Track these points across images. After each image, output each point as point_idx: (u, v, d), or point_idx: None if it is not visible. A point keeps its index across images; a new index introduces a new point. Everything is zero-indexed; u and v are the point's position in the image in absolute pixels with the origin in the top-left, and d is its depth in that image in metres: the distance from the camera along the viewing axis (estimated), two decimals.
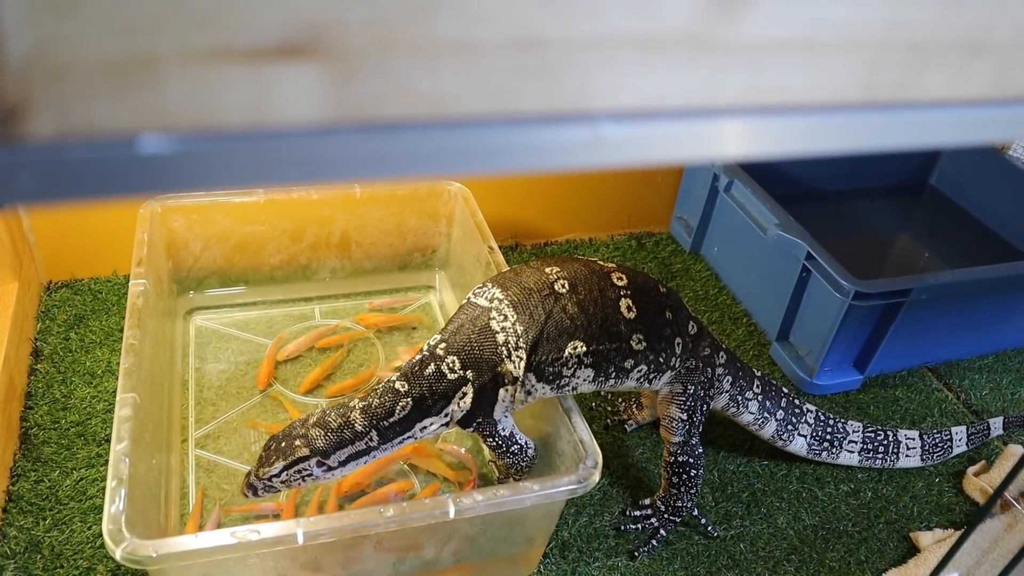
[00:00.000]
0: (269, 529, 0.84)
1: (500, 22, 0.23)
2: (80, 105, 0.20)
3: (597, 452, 0.99)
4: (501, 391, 0.99)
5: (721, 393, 1.19)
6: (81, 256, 1.49)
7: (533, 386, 1.01)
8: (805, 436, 1.26)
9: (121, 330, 1.37)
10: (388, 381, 0.98)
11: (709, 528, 1.19)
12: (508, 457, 1.04)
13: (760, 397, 1.21)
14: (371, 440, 0.95)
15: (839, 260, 1.37)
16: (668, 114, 0.26)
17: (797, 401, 1.26)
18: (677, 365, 1.10)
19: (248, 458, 1.19)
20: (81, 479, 1.15)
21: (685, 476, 1.15)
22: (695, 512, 1.18)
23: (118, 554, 0.80)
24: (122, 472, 0.88)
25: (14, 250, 1.34)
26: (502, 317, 0.99)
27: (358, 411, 0.96)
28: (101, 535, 0.86)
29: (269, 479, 0.93)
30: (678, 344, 1.09)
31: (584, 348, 1.01)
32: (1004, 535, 1.18)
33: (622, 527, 1.17)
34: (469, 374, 0.98)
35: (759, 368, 1.50)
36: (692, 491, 1.16)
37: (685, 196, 1.83)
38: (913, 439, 1.31)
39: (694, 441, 1.14)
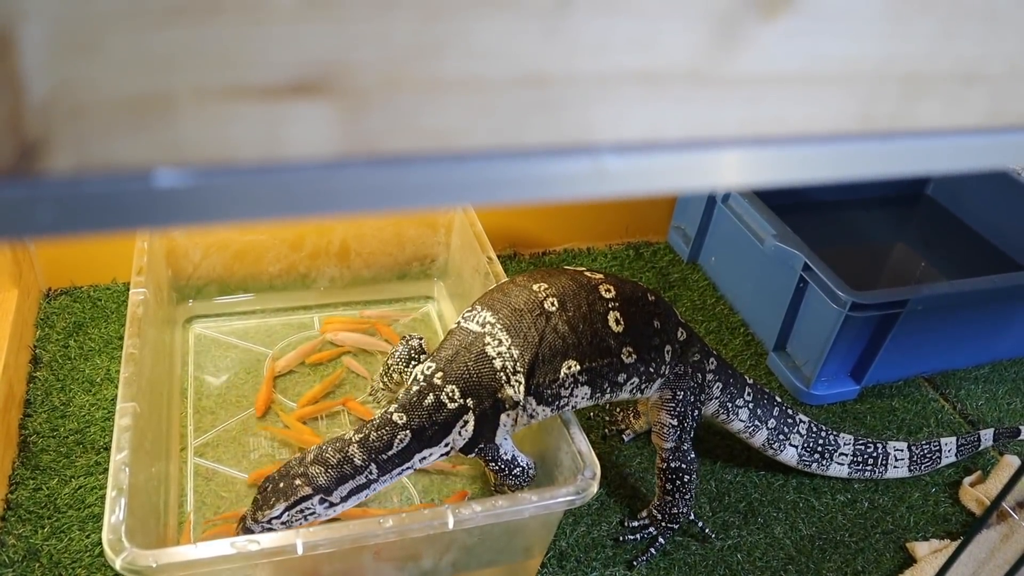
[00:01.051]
0: (268, 539, 0.84)
1: (505, 59, 0.23)
2: (98, 141, 0.21)
3: (595, 463, 0.99)
4: (503, 416, 0.99)
5: (711, 399, 1.19)
6: (81, 264, 1.50)
7: (535, 409, 1.01)
8: (796, 446, 1.26)
9: (120, 338, 1.37)
10: (386, 412, 0.97)
11: (707, 531, 1.19)
12: (511, 479, 1.05)
13: (751, 405, 1.22)
14: (371, 473, 0.95)
15: (836, 270, 1.38)
16: (669, 146, 0.27)
17: (790, 411, 1.26)
18: (667, 372, 1.11)
19: (247, 466, 1.20)
20: (80, 487, 1.15)
21: (679, 482, 1.15)
22: (692, 517, 1.19)
23: (118, 564, 0.80)
24: (122, 482, 0.89)
25: (14, 258, 1.35)
26: (496, 342, 0.99)
27: (356, 444, 0.95)
28: (100, 543, 0.86)
29: (269, 521, 0.92)
30: (667, 352, 1.10)
31: (578, 367, 1.01)
32: (1001, 546, 1.18)
33: (620, 538, 1.18)
34: (469, 402, 0.97)
35: (752, 377, 1.51)
36: (687, 496, 1.16)
37: (683, 206, 1.84)
38: (901, 450, 1.32)
39: (686, 447, 1.15)
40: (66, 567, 1.05)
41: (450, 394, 0.97)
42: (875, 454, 1.30)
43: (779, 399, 1.26)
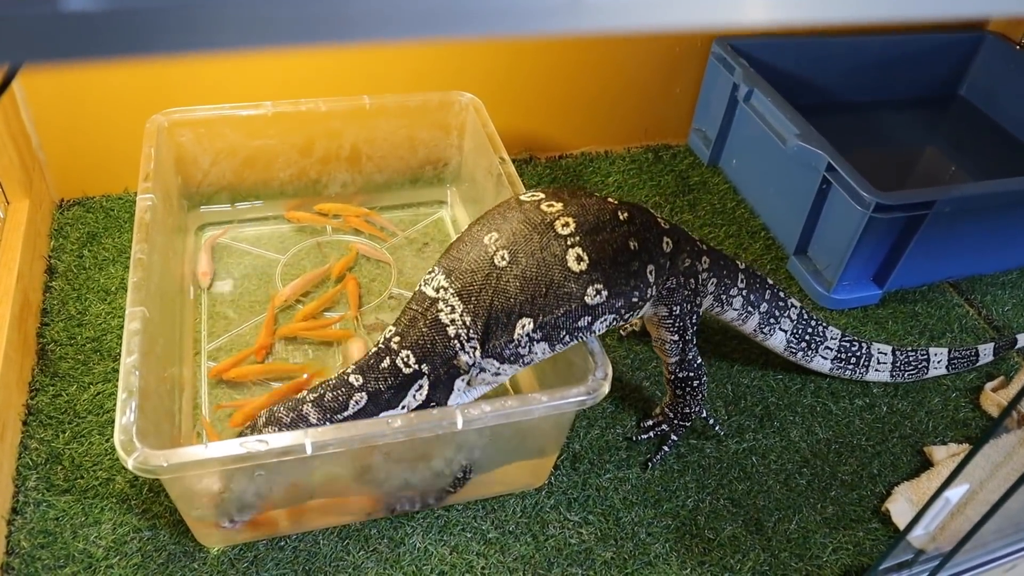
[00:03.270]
0: (277, 440, 0.84)
1: None
2: None
3: (607, 364, 0.98)
4: (457, 381, 0.97)
5: (706, 296, 1.16)
6: (92, 174, 1.48)
7: (499, 368, 0.98)
8: (786, 331, 1.23)
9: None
10: (343, 373, 0.96)
11: (717, 428, 1.19)
12: None
13: (744, 292, 1.18)
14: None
15: (862, 173, 1.33)
16: None
17: (782, 294, 1.22)
18: (654, 293, 1.06)
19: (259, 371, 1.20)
20: (98, 393, 1.16)
21: (688, 388, 1.14)
22: (703, 414, 1.18)
23: (130, 464, 0.81)
24: (132, 384, 0.89)
25: (24, 168, 1.33)
26: (449, 308, 0.95)
27: (310, 404, 0.93)
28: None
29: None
30: (651, 272, 1.04)
31: (532, 324, 0.97)
32: (1018, 449, 1.17)
33: (634, 438, 1.18)
34: (424, 368, 0.95)
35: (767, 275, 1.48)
36: (698, 397, 1.15)
37: (704, 107, 1.78)
38: (885, 354, 1.29)
39: (691, 356, 1.12)
40: (87, 470, 1.07)
41: (405, 359, 0.95)
42: (859, 353, 1.28)
43: (771, 281, 1.22)
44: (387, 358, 0.96)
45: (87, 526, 1.01)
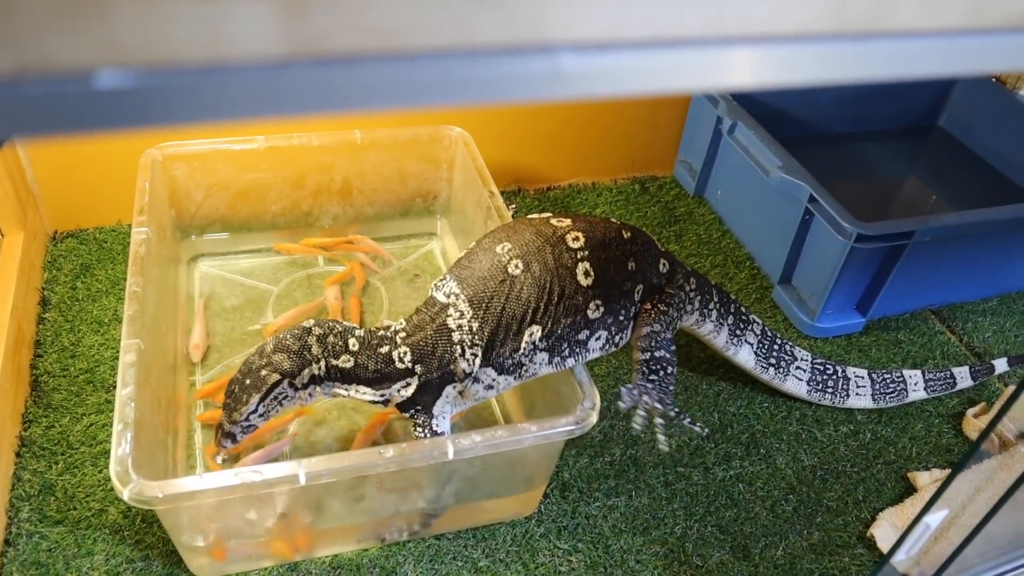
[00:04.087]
0: (271, 470, 0.86)
1: None
2: (35, 41, 0.21)
3: (595, 394, 1.00)
4: (448, 387, 0.99)
5: (693, 312, 1.20)
6: (86, 206, 1.50)
7: (495, 380, 1.00)
8: (752, 344, 1.27)
9: (127, 278, 1.38)
10: (352, 326, 0.99)
11: (696, 428, 1.09)
12: None
13: (718, 306, 1.23)
14: (320, 370, 0.97)
15: (844, 203, 1.36)
16: (629, 46, 0.26)
17: (744, 310, 1.27)
18: (637, 310, 1.10)
19: None
20: (91, 424, 1.17)
21: (662, 372, 1.08)
22: (674, 413, 1.08)
23: (125, 495, 0.82)
24: (128, 416, 0.90)
25: (18, 200, 1.35)
26: (458, 314, 0.98)
27: (314, 337, 0.96)
28: (111, 478, 0.88)
29: (247, 418, 0.94)
30: (638, 291, 1.08)
31: (540, 332, 0.99)
32: (999, 473, 1.19)
33: (632, 426, 1.08)
34: (417, 368, 0.97)
35: (757, 310, 1.51)
36: (669, 388, 1.09)
37: (689, 139, 1.81)
38: (862, 377, 1.32)
39: (670, 335, 1.11)
40: (80, 500, 1.08)
41: (402, 355, 0.97)
42: (835, 375, 1.30)
43: (734, 298, 1.26)
44: (387, 345, 0.98)
45: (80, 557, 1.02)
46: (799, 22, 0.28)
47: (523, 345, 0.99)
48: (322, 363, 0.96)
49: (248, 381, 0.95)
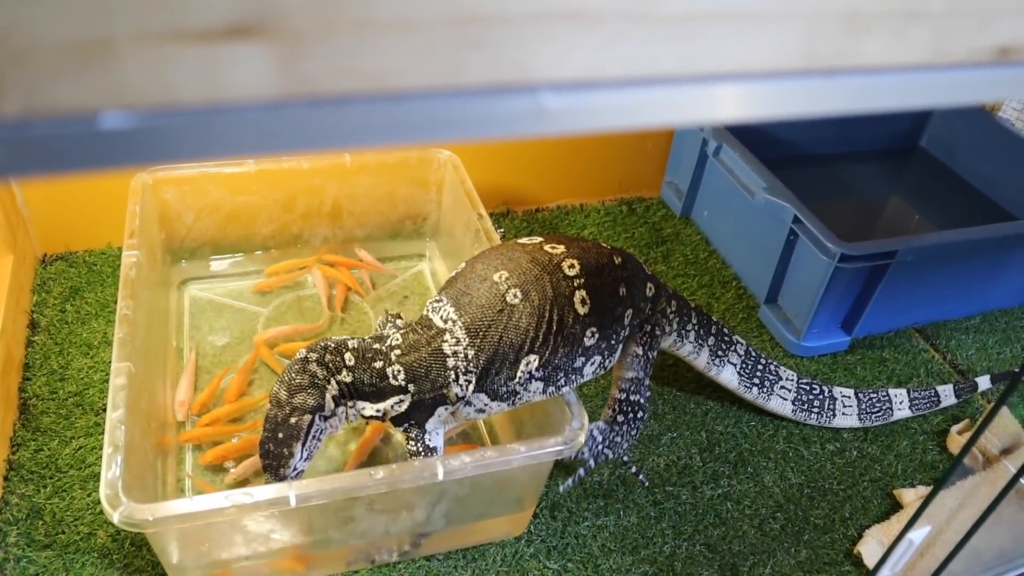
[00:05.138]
0: (262, 492, 0.86)
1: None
2: (44, 86, 0.22)
3: (583, 414, 1.01)
4: (440, 408, 1.00)
5: (672, 333, 1.21)
6: (76, 229, 1.51)
7: (487, 405, 1.01)
8: (735, 364, 1.28)
9: (116, 301, 1.38)
10: (342, 340, 1.00)
11: (640, 477, 1.20)
12: None
13: (697, 327, 1.24)
14: (334, 389, 0.97)
15: (828, 224, 1.38)
16: (607, 84, 0.27)
17: (726, 330, 1.28)
18: (627, 335, 1.11)
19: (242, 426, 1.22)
20: (80, 448, 1.17)
21: (632, 416, 1.15)
22: (625, 458, 1.19)
23: (115, 518, 0.83)
24: (118, 439, 0.90)
25: (8, 223, 1.36)
26: (455, 340, 0.98)
27: (313, 363, 0.97)
28: (100, 501, 0.88)
29: (295, 468, 0.95)
30: (628, 315, 1.09)
31: (537, 361, 1.00)
32: (982, 489, 1.21)
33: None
34: (411, 387, 0.98)
35: (745, 329, 1.52)
36: (633, 432, 1.16)
37: (675, 161, 1.84)
38: (849, 397, 1.33)
39: (648, 381, 1.15)
40: (68, 524, 1.08)
41: (396, 372, 0.98)
42: (821, 395, 1.32)
43: (715, 318, 1.27)
44: (381, 360, 0.98)
45: None
46: (770, 59, 0.30)
47: (519, 374, 0.99)
48: (332, 382, 0.97)
49: (281, 435, 0.94)
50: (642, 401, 1.15)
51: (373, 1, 0.23)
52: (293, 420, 0.94)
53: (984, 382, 1.40)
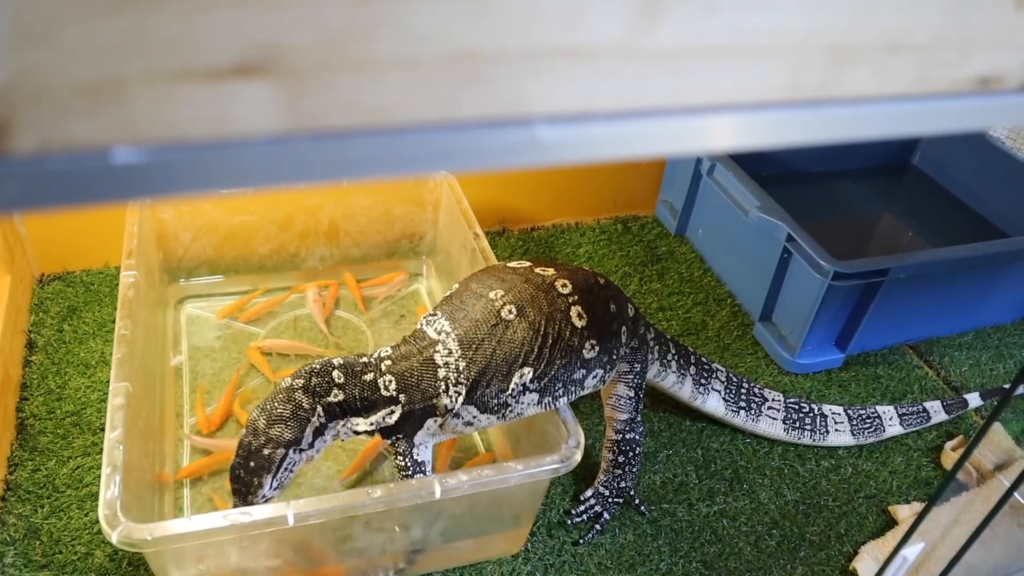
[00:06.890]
0: (260, 511, 0.86)
1: (437, 39, 0.25)
2: (58, 123, 0.23)
3: (579, 432, 1.01)
4: (429, 420, 1.00)
5: (654, 363, 1.22)
6: (73, 249, 1.51)
7: (476, 417, 1.01)
8: (719, 391, 1.29)
9: (114, 321, 1.39)
10: (327, 360, 0.99)
11: (642, 508, 1.20)
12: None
13: (677, 357, 1.25)
14: (319, 419, 0.96)
15: (822, 242, 1.40)
16: (600, 117, 0.28)
17: (704, 359, 1.29)
18: (623, 352, 1.12)
19: None
20: (78, 467, 1.17)
21: (631, 454, 1.17)
22: (632, 492, 1.20)
23: (114, 538, 0.83)
24: (116, 459, 0.91)
25: (5, 243, 1.36)
26: (447, 351, 0.99)
27: (299, 391, 0.96)
28: (98, 521, 0.89)
29: (263, 496, 0.94)
30: (623, 332, 1.11)
31: (532, 374, 1.01)
32: (976, 504, 1.21)
33: (569, 522, 1.18)
34: (402, 397, 0.98)
35: (739, 347, 1.53)
36: (635, 469, 1.18)
37: (670, 180, 1.85)
38: (839, 414, 1.34)
39: (639, 417, 1.17)
40: (66, 544, 1.08)
41: (387, 383, 0.98)
42: (811, 414, 1.32)
43: (691, 348, 1.29)
44: (371, 373, 0.99)
45: None
46: (757, 92, 0.31)
47: (512, 386, 1.00)
48: (318, 409, 0.96)
49: (253, 464, 0.93)
50: (638, 437, 1.17)
51: (373, 40, 0.24)
52: (266, 452, 0.93)
53: (974, 399, 1.41)
